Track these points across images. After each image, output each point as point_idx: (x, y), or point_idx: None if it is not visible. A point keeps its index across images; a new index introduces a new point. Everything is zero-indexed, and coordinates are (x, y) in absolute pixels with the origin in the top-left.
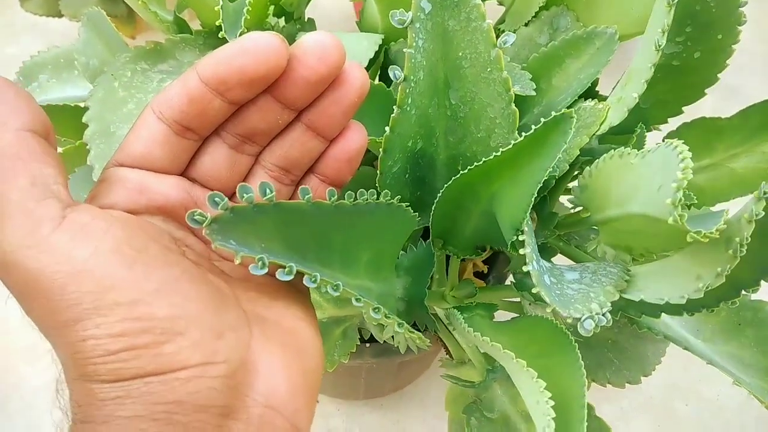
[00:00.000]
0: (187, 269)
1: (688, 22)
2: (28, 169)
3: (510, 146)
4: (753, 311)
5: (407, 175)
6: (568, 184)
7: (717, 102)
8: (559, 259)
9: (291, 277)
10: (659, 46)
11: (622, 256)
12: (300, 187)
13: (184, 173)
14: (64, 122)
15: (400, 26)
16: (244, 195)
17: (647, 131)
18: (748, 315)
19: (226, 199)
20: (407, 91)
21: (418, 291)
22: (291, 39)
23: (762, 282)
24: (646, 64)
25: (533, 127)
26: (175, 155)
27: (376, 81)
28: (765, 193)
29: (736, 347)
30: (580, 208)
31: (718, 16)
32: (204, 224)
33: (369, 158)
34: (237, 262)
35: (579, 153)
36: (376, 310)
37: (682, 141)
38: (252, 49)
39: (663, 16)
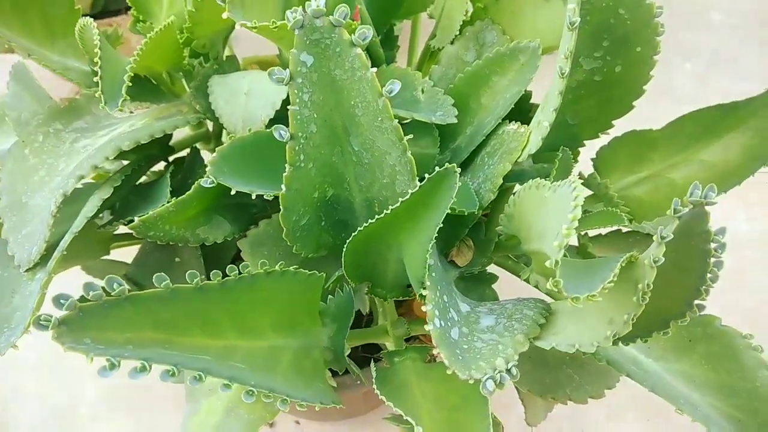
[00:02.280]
0: None
1: (605, 36)
2: None
3: (399, 204)
4: (702, 326)
5: (323, 222)
6: None
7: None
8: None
9: (146, 374)
10: (563, 73)
11: (561, 295)
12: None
13: None
14: None
15: (280, 84)
16: (90, 292)
17: (581, 146)
18: (698, 331)
19: (72, 298)
20: (297, 148)
21: (342, 342)
22: (206, 80)
23: (688, 313)
24: (555, 92)
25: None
26: None
27: None
28: (663, 238)
29: (688, 365)
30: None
31: (633, 28)
32: (50, 328)
33: None
34: (90, 363)
35: (503, 181)
36: (249, 393)
37: (615, 154)
38: None
39: (566, 40)
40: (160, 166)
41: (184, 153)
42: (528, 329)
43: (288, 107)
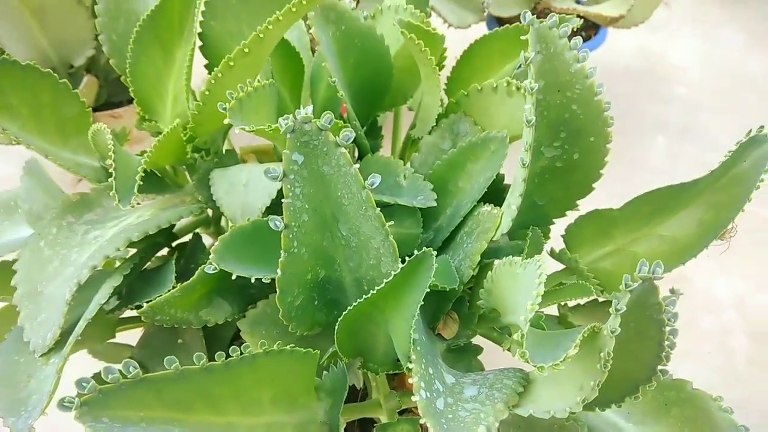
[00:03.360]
0: None
1: (561, 128)
2: None
3: (383, 285)
4: (676, 390)
5: (316, 302)
6: None
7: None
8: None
9: None
10: (524, 164)
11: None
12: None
13: None
14: (2, 280)
15: (275, 181)
16: (109, 375)
17: (551, 224)
18: (672, 395)
19: (93, 381)
20: (290, 236)
21: (336, 417)
22: (207, 173)
23: (653, 378)
24: (519, 180)
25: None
26: None
27: None
28: (618, 310)
29: (665, 427)
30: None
31: (586, 122)
32: (73, 409)
33: None
34: None
35: (481, 257)
36: None
37: (582, 231)
38: None
39: (526, 135)
40: (163, 251)
41: (185, 238)
42: (507, 398)
43: (282, 199)
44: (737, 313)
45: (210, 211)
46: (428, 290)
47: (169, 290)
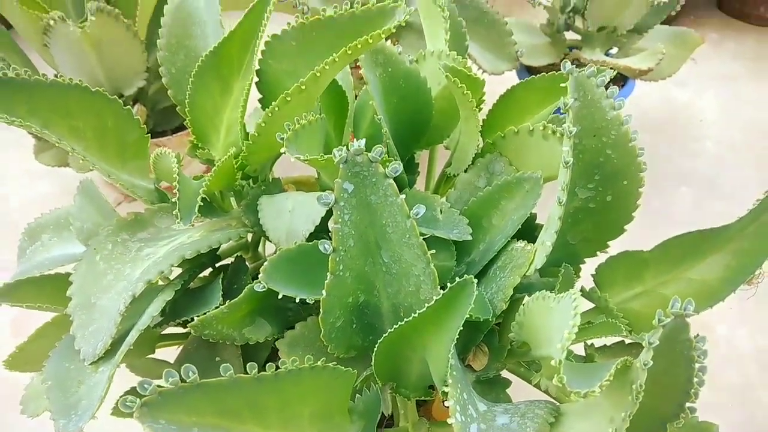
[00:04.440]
0: None
1: (596, 171)
2: None
3: (425, 309)
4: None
5: (354, 325)
6: None
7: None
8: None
9: None
10: (561, 202)
11: (565, 392)
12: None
13: None
14: (55, 292)
15: (326, 207)
16: (169, 379)
17: (582, 263)
18: None
19: (154, 383)
20: (337, 259)
21: None
22: (255, 199)
23: (681, 415)
24: (555, 217)
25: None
26: None
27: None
28: (650, 344)
29: None
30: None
31: (620, 166)
32: (134, 409)
33: None
34: None
35: (514, 291)
36: None
37: (613, 272)
38: None
39: (562, 174)
40: (205, 272)
41: (226, 261)
42: (539, 427)
43: (324, 225)
44: (759, 366)
45: (249, 237)
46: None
47: (216, 307)
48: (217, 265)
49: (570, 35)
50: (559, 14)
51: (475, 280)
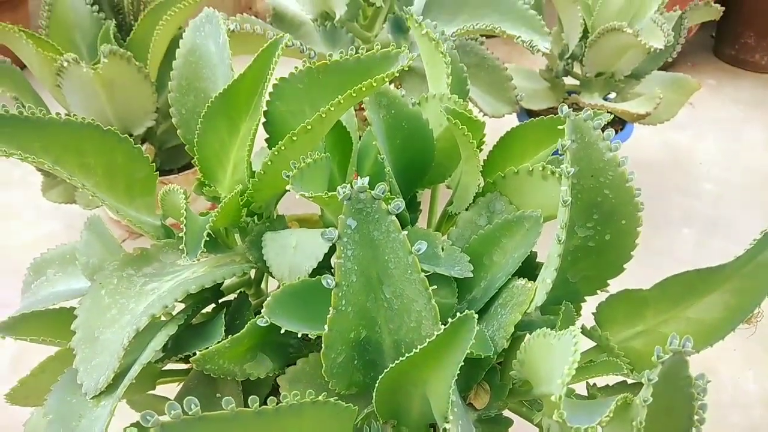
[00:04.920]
0: None
1: (594, 210)
2: None
3: (426, 344)
4: None
5: (356, 361)
6: None
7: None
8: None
9: None
10: (560, 240)
11: (565, 428)
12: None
13: None
14: (58, 326)
15: (330, 242)
16: (172, 411)
17: (582, 301)
18: None
19: (156, 416)
20: (340, 294)
21: None
22: (260, 235)
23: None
24: (554, 255)
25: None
26: None
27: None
28: (650, 380)
29: None
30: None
31: (617, 205)
32: None
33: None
34: None
35: (515, 329)
36: None
37: (613, 310)
38: None
39: (561, 214)
40: (208, 308)
41: (230, 297)
42: None
43: (328, 261)
44: (765, 409)
45: (252, 273)
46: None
47: (219, 341)
48: (220, 300)
49: (569, 80)
50: (558, 60)
51: (476, 316)
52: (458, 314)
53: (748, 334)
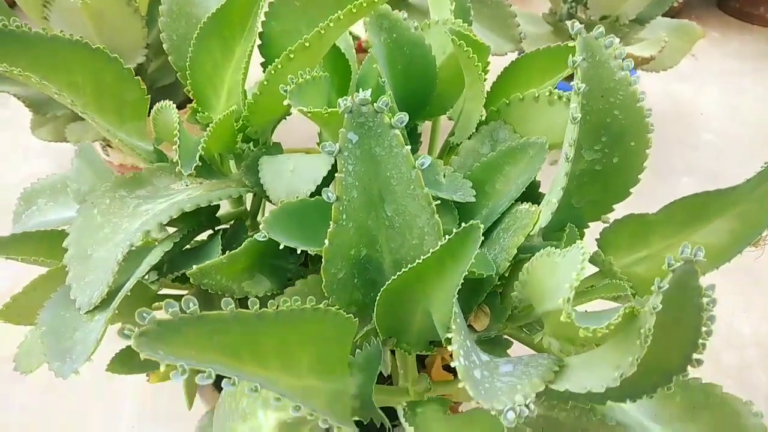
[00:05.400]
0: None
1: (602, 132)
2: None
3: (429, 254)
4: (705, 394)
5: (356, 280)
6: None
7: (701, 185)
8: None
9: (211, 380)
10: (568, 158)
11: (566, 347)
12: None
13: None
14: (51, 246)
15: (330, 155)
16: (169, 309)
17: (585, 227)
18: (701, 398)
19: (153, 313)
20: (341, 208)
21: (369, 389)
22: (256, 160)
23: (688, 367)
24: (561, 174)
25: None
26: None
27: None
28: (660, 288)
29: (693, 431)
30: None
31: (627, 126)
32: (132, 338)
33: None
34: (162, 369)
35: (517, 251)
36: (296, 408)
37: (617, 235)
38: None
39: (570, 131)
40: (203, 236)
41: (226, 226)
42: (543, 374)
43: (324, 187)
44: (758, 350)
45: (249, 201)
46: (464, 279)
47: (218, 257)
48: (216, 228)
49: None
50: (562, 4)
51: (482, 226)
52: None
53: (748, 281)
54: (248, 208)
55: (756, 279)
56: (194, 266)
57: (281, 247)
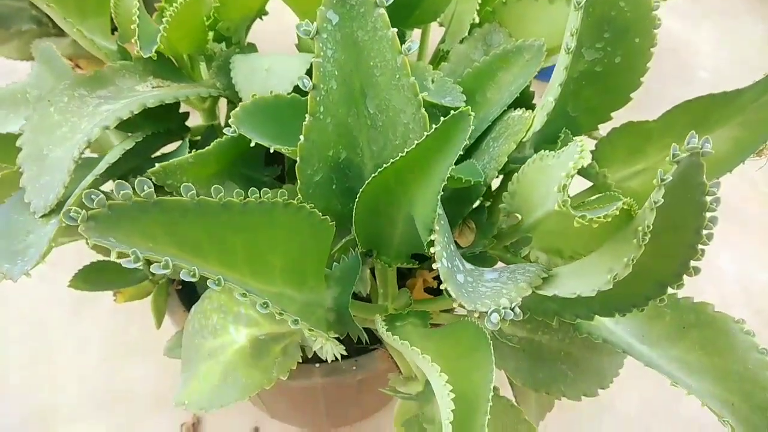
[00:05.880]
0: None
1: (606, 27)
2: None
3: (414, 146)
4: (695, 313)
5: (334, 186)
6: None
7: None
8: None
9: (168, 271)
10: (569, 49)
11: (554, 260)
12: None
13: None
14: (4, 150)
15: (306, 36)
16: (121, 191)
17: (579, 136)
18: (691, 317)
19: (102, 195)
20: (318, 99)
21: (346, 301)
22: (228, 59)
23: (685, 277)
24: (560, 68)
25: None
26: None
27: None
28: (663, 180)
29: (682, 350)
30: (516, 215)
31: (633, 20)
32: (79, 221)
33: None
34: (113, 257)
35: (508, 160)
36: (264, 305)
37: (614, 147)
38: None
39: (572, 19)
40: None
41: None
42: (531, 279)
43: (311, 60)
44: (740, 287)
45: (222, 118)
46: (449, 189)
47: (184, 156)
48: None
49: None
50: None
51: (472, 114)
52: None
53: (731, 223)
54: (222, 123)
55: (738, 218)
56: (157, 164)
57: (252, 144)
